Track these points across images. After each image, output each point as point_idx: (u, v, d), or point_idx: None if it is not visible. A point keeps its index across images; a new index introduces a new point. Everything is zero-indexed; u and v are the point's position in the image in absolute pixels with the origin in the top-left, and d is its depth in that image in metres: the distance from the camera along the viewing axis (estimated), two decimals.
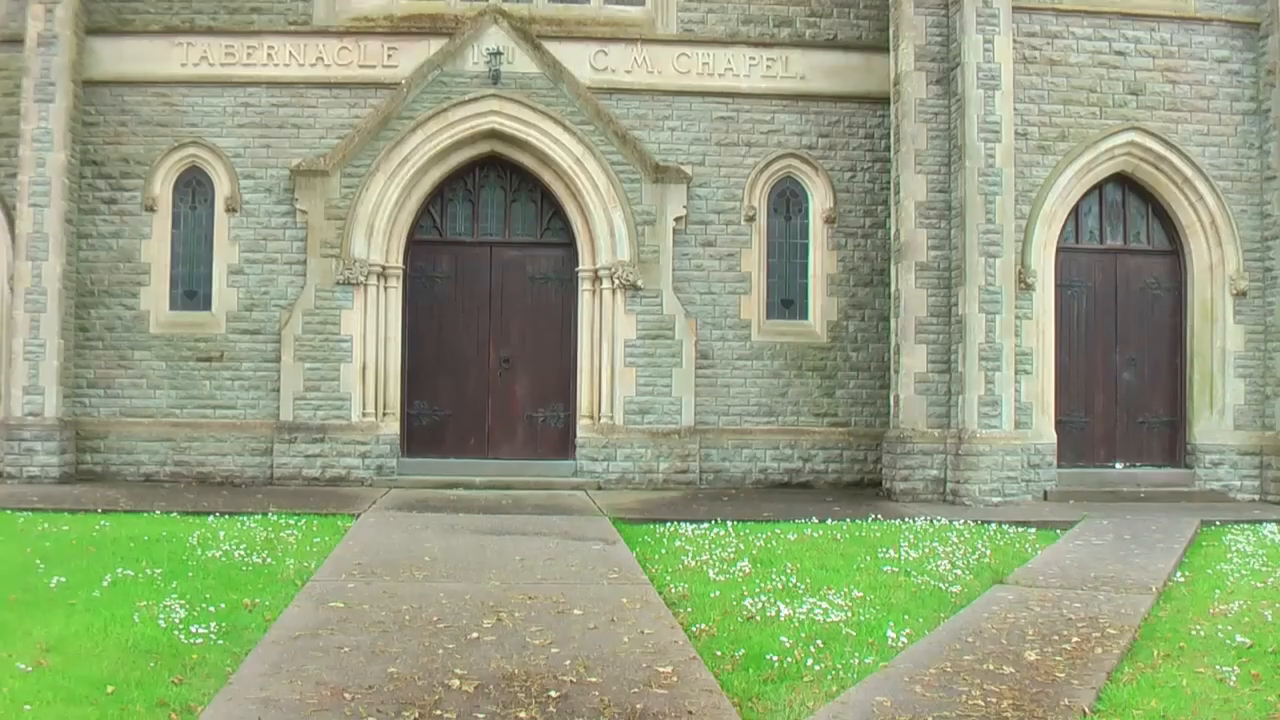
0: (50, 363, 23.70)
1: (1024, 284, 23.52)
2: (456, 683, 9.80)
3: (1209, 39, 24.19)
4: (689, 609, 12.99)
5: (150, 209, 24.83)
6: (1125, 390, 24.63)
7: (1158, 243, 24.82)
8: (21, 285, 23.68)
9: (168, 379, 24.75)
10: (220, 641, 11.16)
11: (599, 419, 25.06)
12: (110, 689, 9.61)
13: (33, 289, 23.66)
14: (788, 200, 25.88)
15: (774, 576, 14.67)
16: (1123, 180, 24.51)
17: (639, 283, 24.88)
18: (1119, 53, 23.97)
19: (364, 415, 24.55)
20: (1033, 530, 19.14)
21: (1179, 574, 15.74)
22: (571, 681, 9.94)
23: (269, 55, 25.08)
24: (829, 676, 10.43)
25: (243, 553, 15.86)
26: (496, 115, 24.91)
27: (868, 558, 16.29)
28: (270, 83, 25.06)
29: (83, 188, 24.62)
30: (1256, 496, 23.97)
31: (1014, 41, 23.41)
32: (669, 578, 14.78)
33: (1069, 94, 23.90)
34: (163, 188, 24.90)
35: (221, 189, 24.94)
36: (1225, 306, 24.23)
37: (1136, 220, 24.86)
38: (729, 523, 19.34)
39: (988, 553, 16.93)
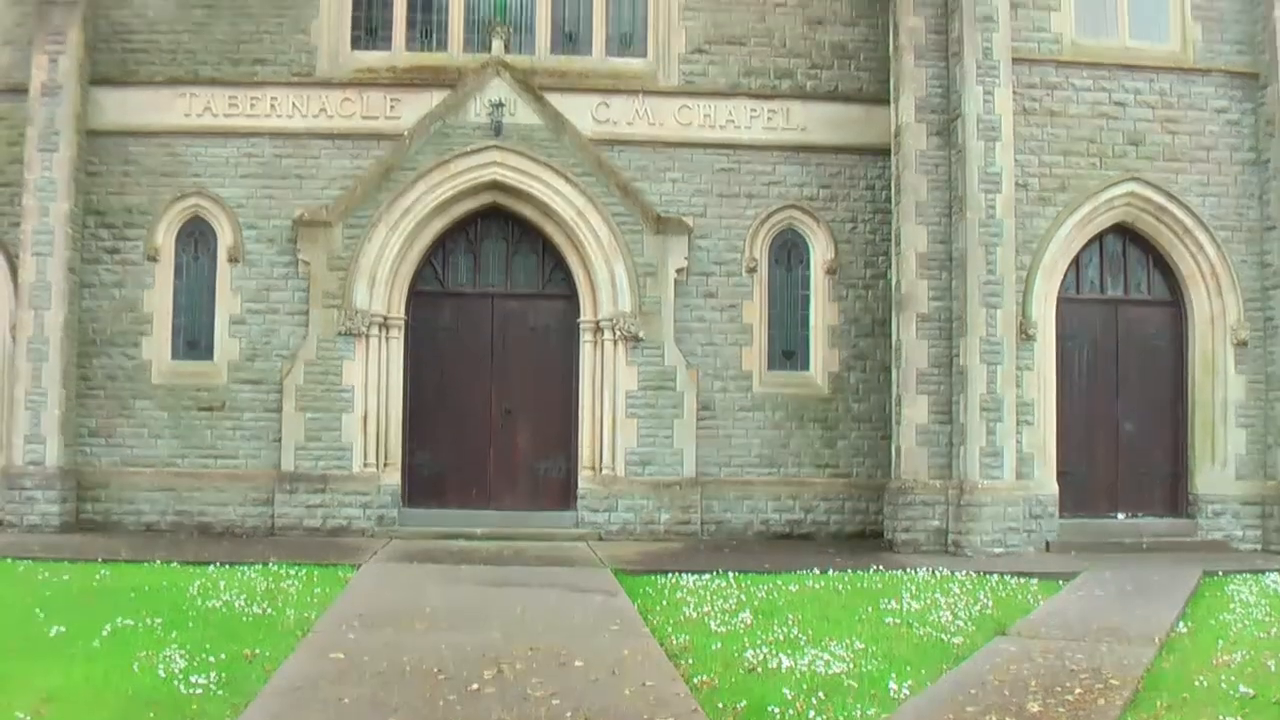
0: (52, 411, 23.68)
1: (1025, 335, 23.53)
2: None
3: (1208, 89, 24.28)
4: (690, 660, 12.96)
5: (153, 259, 24.86)
6: (1127, 440, 24.61)
7: (1158, 293, 24.85)
8: (24, 334, 23.68)
9: (169, 428, 24.72)
10: (220, 692, 11.13)
11: (600, 470, 25.01)
12: None
13: (35, 338, 23.66)
14: (789, 251, 25.90)
15: (775, 628, 14.65)
16: (1123, 230, 24.54)
17: (640, 334, 24.87)
18: (1119, 103, 24.06)
19: (365, 465, 24.51)
20: (1035, 581, 19.05)
21: (1181, 624, 15.71)
22: None
23: (272, 106, 25.16)
24: None
25: (243, 603, 15.85)
26: (499, 167, 24.97)
27: (870, 609, 16.26)
28: (274, 133, 25.14)
29: (86, 237, 24.66)
30: (1259, 546, 23.89)
31: (1014, 93, 23.50)
32: (670, 629, 14.75)
33: (1069, 145, 23.97)
34: (165, 237, 24.94)
35: (224, 239, 24.97)
36: (1226, 356, 24.23)
37: (1137, 270, 24.90)
38: (730, 574, 19.26)
39: (990, 604, 16.90)
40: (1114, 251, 24.83)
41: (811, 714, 10.71)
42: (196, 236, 25.19)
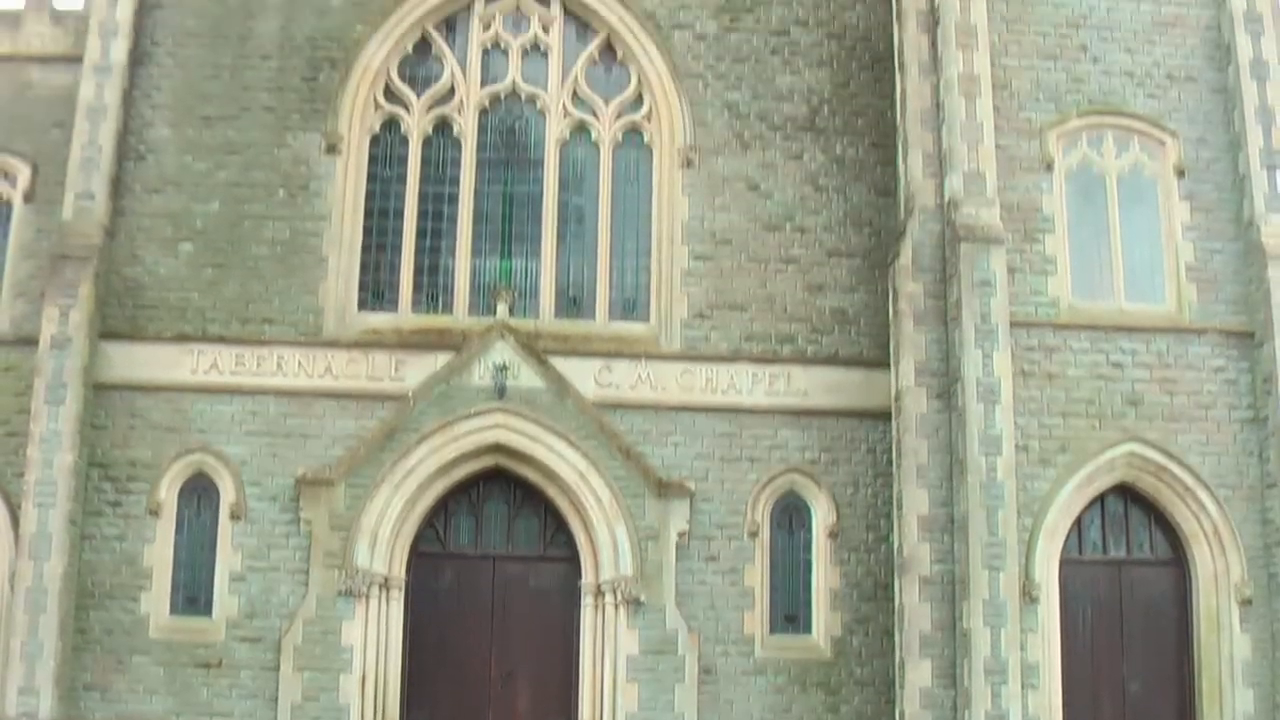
0: (47, 664, 23.74)
1: (1029, 597, 23.76)
2: None
3: (1205, 349, 24.99)
4: None
5: (154, 513, 25.25)
6: (1133, 701, 24.65)
7: (1161, 552, 25.17)
8: (23, 584, 23.91)
9: (165, 685, 24.74)
10: None
11: None
12: None
13: (34, 588, 23.86)
14: (791, 515, 26.30)
15: None
16: (1124, 490, 24.98)
17: (642, 597, 25.10)
18: (1117, 365, 24.77)
19: None
20: None
21: None
22: None
23: (279, 365, 25.88)
24: None
25: None
26: (501, 429, 25.55)
27: None
28: (279, 392, 25.79)
29: (88, 490, 25.08)
30: None
31: (1013, 356, 24.16)
32: None
33: (1068, 407, 24.58)
34: (168, 492, 25.38)
35: (227, 496, 25.41)
36: (1231, 615, 24.39)
37: (1139, 530, 25.30)
38: None
39: None
40: (1116, 511, 25.24)
41: None
42: (199, 492, 25.59)
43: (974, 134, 25.01)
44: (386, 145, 27.47)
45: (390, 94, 27.53)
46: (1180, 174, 25.78)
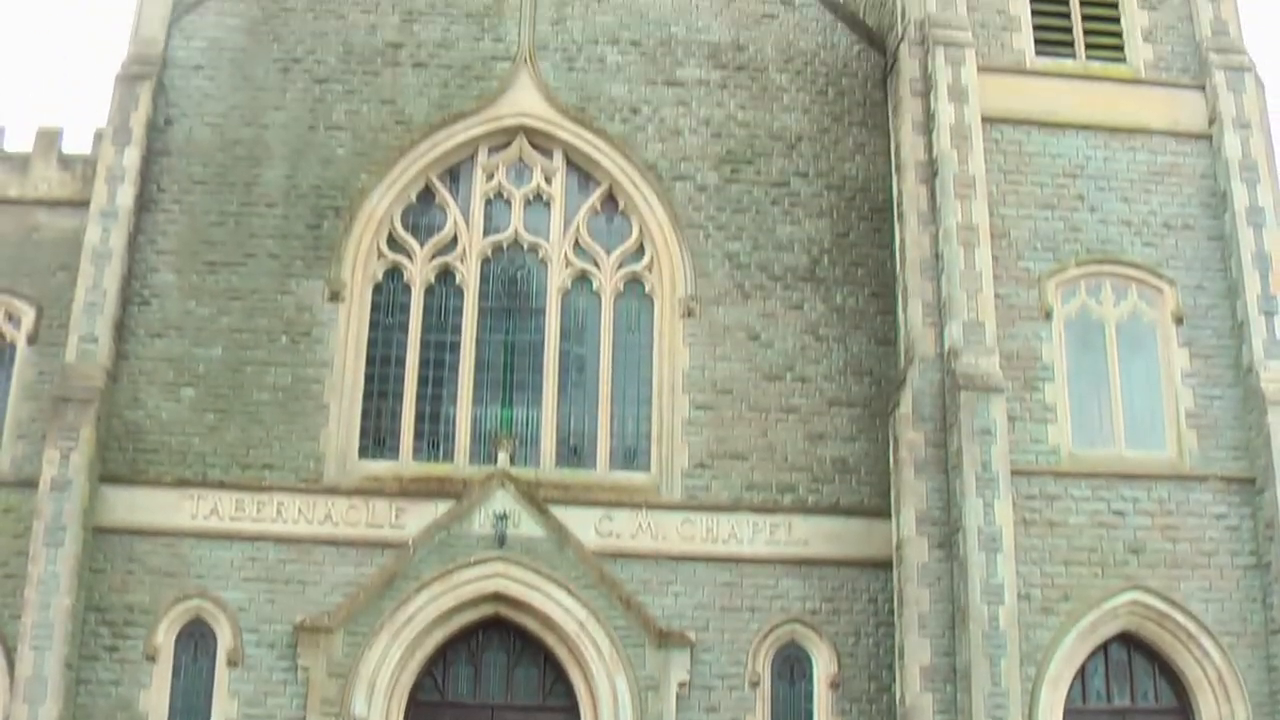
0: None
1: None
2: None
3: (1206, 496, 25.23)
4: None
5: (151, 658, 25.22)
6: None
7: (1165, 701, 25.16)
8: None
9: None
10: None
11: None
12: None
13: None
14: (791, 665, 26.27)
15: None
16: (1128, 638, 25.05)
17: None
18: (1118, 513, 24.99)
19: None
20: None
21: None
22: None
23: (278, 511, 26.06)
24: None
25: None
26: (501, 578, 25.66)
27: None
28: (279, 538, 25.93)
29: (85, 633, 25.08)
30: None
31: (1014, 504, 24.38)
32: None
33: (1070, 555, 24.76)
34: (165, 637, 25.36)
35: (224, 641, 25.41)
36: None
37: (1143, 678, 25.29)
38: None
39: None
40: (1119, 659, 25.25)
41: None
42: (197, 637, 25.58)
43: (973, 283, 25.48)
44: (389, 293, 27.93)
45: (393, 242, 28.05)
46: (1179, 320, 26.24)
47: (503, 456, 26.48)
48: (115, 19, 74.16)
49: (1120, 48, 28.25)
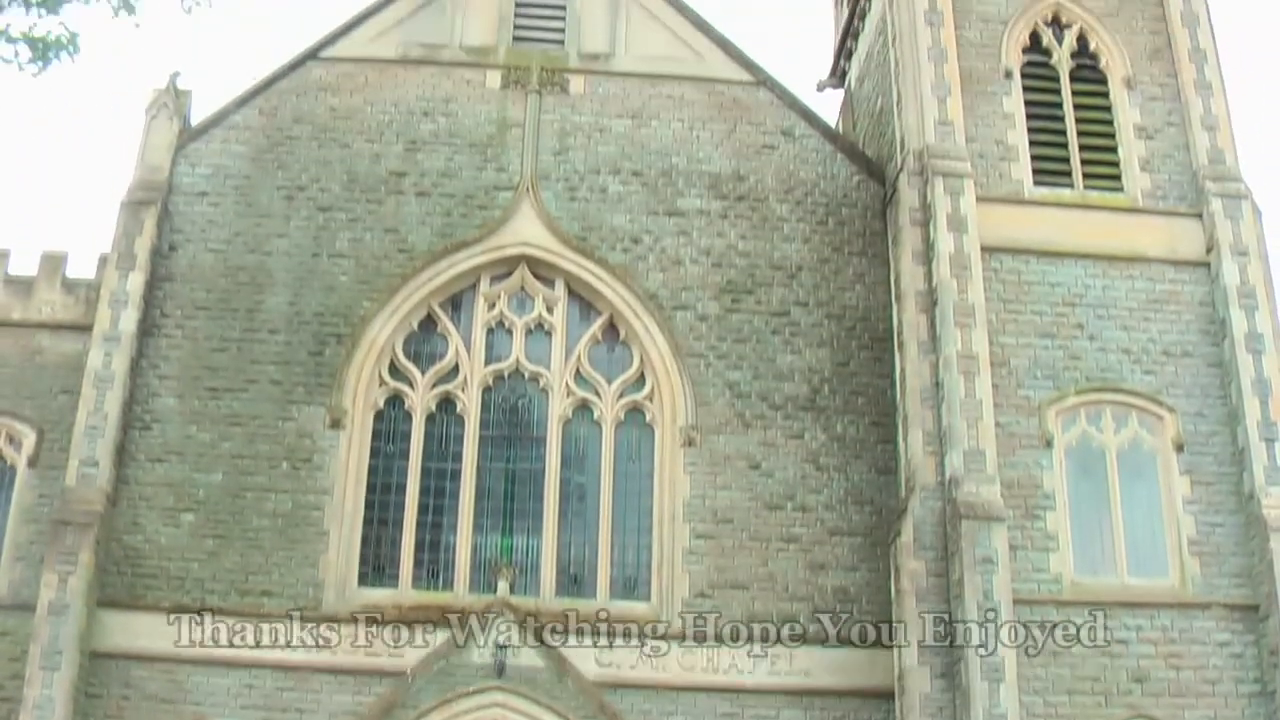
0: None
1: None
2: None
3: (1209, 624, 25.21)
4: None
5: None
6: None
7: None
8: None
9: None
10: None
11: None
12: None
13: None
14: None
15: None
16: None
17: None
18: (1121, 641, 24.95)
19: None
20: None
21: None
22: None
23: (276, 638, 26.01)
24: None
25: None
26: (501, 709, 25.64)
27: None
28: (276, 666, 25.90)
29: None
30: None
31: (1016, 633, 24.35)
32: None
33: (1073, 684, 24.69)
34: None
35: None
36: None
37: None
38: None
39: None
40: None
41: None
42: None
43: (973, 411, 25.71)
44: (390, 420, 28.20)
45: (395, 370, 28.36)
46: (1179, 448, 26.40)
47: (503, 585, 26.53)
48: (121, 145, 75.29)
49: (1118, 177, 28.73)
